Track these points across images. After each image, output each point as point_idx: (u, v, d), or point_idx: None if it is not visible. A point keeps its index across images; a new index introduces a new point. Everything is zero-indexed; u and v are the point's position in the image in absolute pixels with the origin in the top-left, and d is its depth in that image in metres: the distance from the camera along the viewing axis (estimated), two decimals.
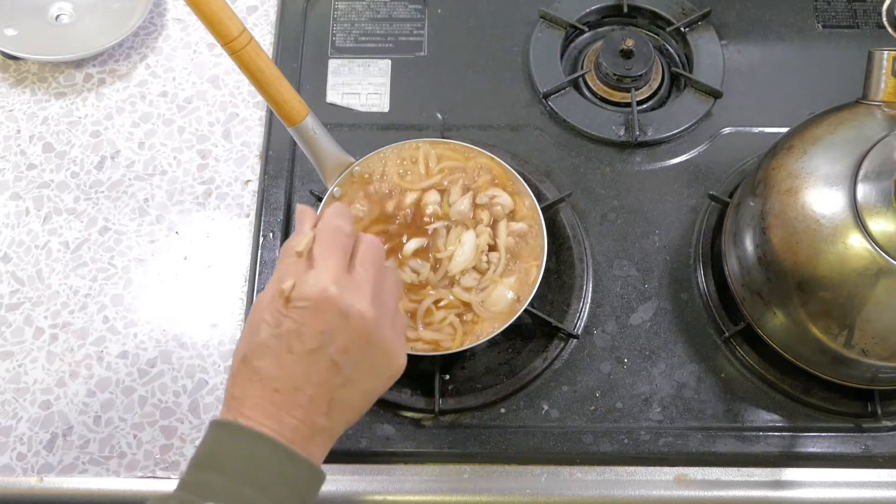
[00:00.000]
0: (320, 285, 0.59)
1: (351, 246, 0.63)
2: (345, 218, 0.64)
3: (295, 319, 0.58)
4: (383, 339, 0.61)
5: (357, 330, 0.59)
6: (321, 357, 0.58)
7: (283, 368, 0.58)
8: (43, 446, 0.79)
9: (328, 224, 0.63)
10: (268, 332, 0.59)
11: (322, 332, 0.58)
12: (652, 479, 0.77)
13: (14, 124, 0.94)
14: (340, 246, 0.62)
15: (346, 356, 0.59)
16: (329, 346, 0.58)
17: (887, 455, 0.77)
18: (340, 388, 0.59)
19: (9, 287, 0.85)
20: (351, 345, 0.59)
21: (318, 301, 0.58)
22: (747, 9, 0.99)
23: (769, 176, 0.74)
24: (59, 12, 0.99)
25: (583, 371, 0.80)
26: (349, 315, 0.59)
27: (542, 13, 0.97)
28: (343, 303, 0.59)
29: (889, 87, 0.71)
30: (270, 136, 0.91)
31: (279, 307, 0.59)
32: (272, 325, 0.59)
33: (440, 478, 0.77)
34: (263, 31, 0.99)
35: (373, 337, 0.60)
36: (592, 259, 0.85)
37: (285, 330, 0.58)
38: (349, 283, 0.60)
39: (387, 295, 0.63)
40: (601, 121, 0.92)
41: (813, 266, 0.69)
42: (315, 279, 0.59)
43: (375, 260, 0.63)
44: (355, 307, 0.59)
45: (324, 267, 0.60)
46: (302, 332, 0.58)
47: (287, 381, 0.58)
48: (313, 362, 0.58)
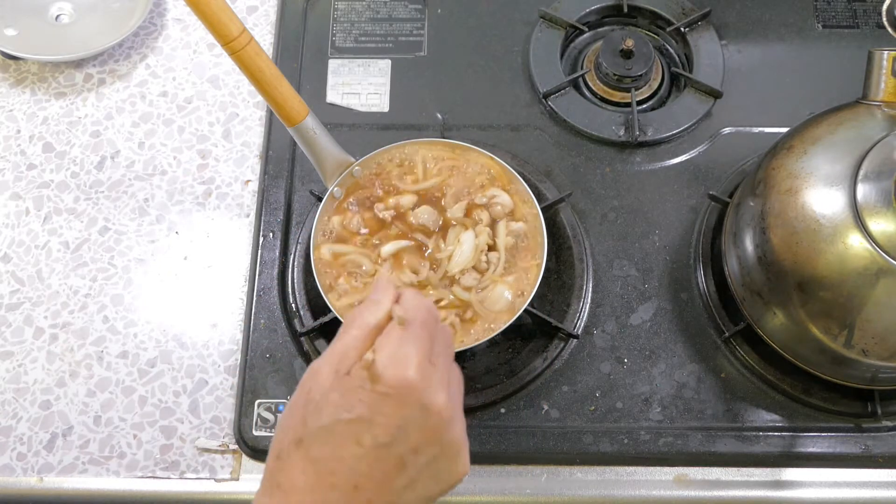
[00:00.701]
0: (408, 370, 0.52)
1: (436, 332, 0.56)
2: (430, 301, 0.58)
3: (369, 405, 0.51)
4: (454, 440, 0.54)
5: (433, 428, 0.53)
6: (391, 454, 0.52)
7: (344, 461, 0.51)
8: (43, 446, 0.79)
9: (419, 302, 0.56)
10: (334, 415, 0.52)
11: (398, 426, 0.52)
12: (652, 479, 0.78)
13: (14, 124, 0.94)
14: (429, 330, 0.55)
15: (416, 456, 0.52)
16: (402, 442, 0.52)
17: (887, 455, 0.77)
18: (402, 491, 0.53)
19: (9, 287, 0.85)
20: (422, 444, 0.53)
21: (399, 388, 0.52)
22: (747, 9, 0.99)
23: (769, 176, 0.74)
24: (59, 12, 0.99)
25: (583, 371, 0.80)
26: (429, 411, 0.52)
27: (542, 13, 0.97)
28: (425, 396, 0.52)
29: (889, 87, 0.71)
30: (270, 136, 0.91)
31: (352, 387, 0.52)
32: (341, 408, 0.52)
33: None
34: (263, 31, 0.99)
35: (445, 436, 0.54)
36: (592, 259, 0.85)
37: (356, 416, 0.51)
38: (432, 374, 0.53)
39: (456, 392, 0.56)
40: (601, 121, 0.92)
41: (813, 266, 0.69)
42: (404, 361, 0.52)
43: (450, 353, 0.57)
44: (436, 403, 0.52)
45: (411, 350, 0.53)
46: (375, 422, 0.51)
47: (347, 477, 0.51)
48: (381, 459, 0.52)
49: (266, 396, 0.79)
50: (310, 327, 0.81)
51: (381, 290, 0.57)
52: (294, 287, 0.83)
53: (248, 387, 0.80)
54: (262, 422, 0.78)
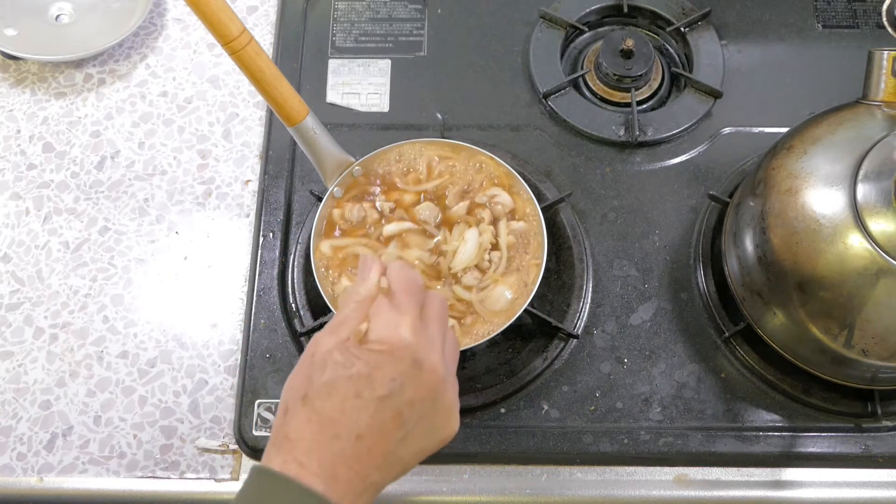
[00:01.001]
0: (399, 331, 0.57)
1: (423, 299, 0.61)
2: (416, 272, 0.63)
3: (368, 362, 0.56)
4: (447, 398, 0.59)
5: (427, 384, 0.57)
6: (388, 406, 0.56)
7: (347, 413, 0.55)
8: (43, 446, 0.79)
9: (404, 273, 0.61)
10: (335, 371, 0.56)
11: (394, 380, 0.56)
12: (652, 479, 0.78)
13: (14, 124, 0.94)
14: (416, 297, 0.60)
15: (412, 409, 0.56)
16: (398, 395, 0.56)
17: (887, 455, 0.77)
18: (399, 442, 0.56)
19: (9, 287, 0.85)
20: (417, 398, 0.57)
21: (395, 346, 0.57)
22: (747, 9, 0.99)
23: (769, 176, 0.74)
24: (59, 12, 0.99)
25: (583, 371, 0.80)
26: (422, 367, 0.57)
27: (542, 13, 0.97)
28: (418, 353, 0.57)
29: (889, 87, 0.71)
30: (270, 136, 0.91)
31: (350, 347, 0.57)
32: (341, 365, 0.56)
33: (440, 478, 0.78)
34: (263, 31, 0.99)
35: (438, 394, 0.58)
36: (592, 259, 0.85)
37: (356, 372, 0.55)
38: (424, 335, 0.58)
39: (450, 355, 0.61)
40: (601, 121, 0.92)
41: (813, 266, 0.69)
42: (395, 324, 0.57)
43: (443, 318, 0.62)
44: (429, 360, 0.57)
45: (401, 313, 0.58)
46: (373, 377, 0.55)
47: (350, 427, 0.55)
48: (379, 410, 0.55)
49: (266, 396, 0.79)
50: (310, 327, 0.81)
51: (367, 267, 0.62)
52: (294, 287, 0.84)
53: (248, 387, 0.80)
54: (262, 422, 0.78)
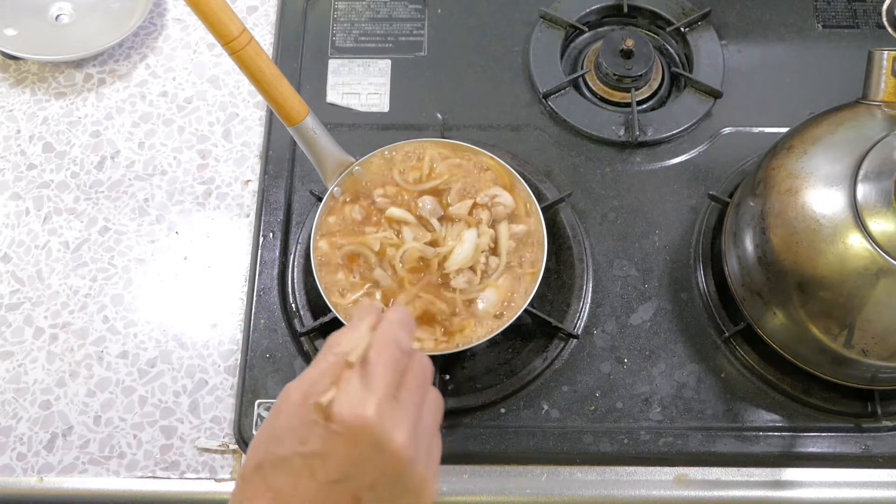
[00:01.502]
0: (361, 411, 0.52)
1: (405, 365, 0.56)
2: (406, 330, 0.58)
3: (324, 441, 0.52)
4: (415, 476, 0.54)
5: (389, 467, 0.53)
6: (344, 489, 0.52)
7: (299, 493, 0.52)
8: (43, 446, 0.79)
9: (388, 335, 0.56)
10: (291, 447, 0.53)
11: (352, 464, 0.52)
12: (652, 479, 0.78)
13: (14, 124, 0.94)
14: (395, 365, 0.55)
15: (372, 492, 0.53)
16: (355, 479, 0.52)
17: (887, 455, 0.77)
18: None
19: (9, 287, 0.85)
20: (379, 481, 0.53)
21: (353, 428, 0.52)
22: (747, 9, 0.99)
23: (769, 176, 0.74)
24: (59, 12, 0.99)
25: (583, 371, 0.80)
26: (385, 451, 0.52)
27: (542, 13, 0.97)
28: (381, 436, 0.52)
29: (889, 87, 0.71)
30: (270, 136, 0.91)
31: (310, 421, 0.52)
32: (298, 441, 0.53)
33: (440, 478, 0.77)
34: (263, 31, 0.99)
35: (404, 474, 0.53)
36: (592, 259, 0.85)
37: (311, 451, 0.52)
38: (392, 411, 0.53)
39: (427, 423, 0.57)
40: (601, 121, 0.92)
41: (813, 266, 0.69)
42: (359, 400, 0.52)
43: (423, 382, 0.57)
44: (393, 442, 0.52)
45: (371, 389, 0.53)
46: (328, 459, 0.52)
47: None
48: (333, 493, 0.52)
49: (266, 396, 0.79)
50: (310, 327, 0.81)
51: (363, 316, 0.58)
52: (294, 287, 0.84)
53: (248, 387, 0.80)
54: (262, 422, 0.78)
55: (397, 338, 0.56)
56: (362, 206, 0.79)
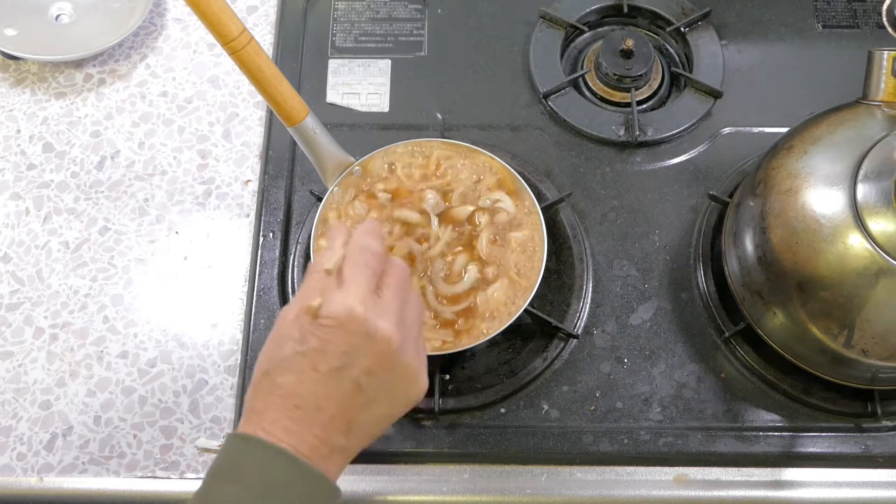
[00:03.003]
0: (347, 305, 0.58)
1: (380, 267, 0.62)
2: (375, 237, 0.64)
3: (320, 338, 0.58)
4: (406, 363, 0.60)
5: (381, 352, 0.59)
6: (344, 377, 0.58)
7: (305, 386, 0.58)
8: (43, 446, 0.79)
9: (358, 243, 0.63)
10: (292, 348, 0.58)
11: (346, 353, 0.58)
12: (652, 479, 0.78)
13: (14, 124, 0.94)
14: (369, 266, 0.61)
15: (369, 378, 0.59)
16: (353, 366, 0.58)
17: (887, 455, 0.77)
18: (361, 409, 0.59)
19: (9, 287, 0.85)
20: (374, 367, 0.59)
21: (344, 321, 0.58)
22: (747, 9, 0.99)
23: (769, 176, 0.74)
24: (59, 12, 0.99)
25: (583, 371, 0.80)
26: (374, 337, 0.58)
27: (542, 13, 0.97)
28: (369, 324, 0.58)
29: (889, 87, 0.71)
30: (270, 136, 0.91)
31: (305, 324, 0.59)
32: (297, 342, 0.58)
33: (440, 478, 0.77)
34: (263, 31, 0.99)
35: (396, 360, 0.60)
36: (592, 259, 0.85)
37: (310, 348, 0.58)
38: (376, 304, 0.59)
39: (411, 319, 0.63)
40: (601, 121, 0.92)
41: (813, 266, 0.69)
42: (342, 298, 0.59)
43: (402, 283, 0.63)
44: (381, 329, 0.59)
45: (352, 286, 0.59)
46: (327, 351, 0.58)
47: (309, 399, 0.57)
48: (336, 382, 0.58)
49: None
50: None
51: (334, 234, 0.64)
52: (294, 287, 0.83)
53: (248, 387, 0.79)
54: None
55: (367, 244, 0.63)
56: (363, 203, 0.79)
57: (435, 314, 0.75)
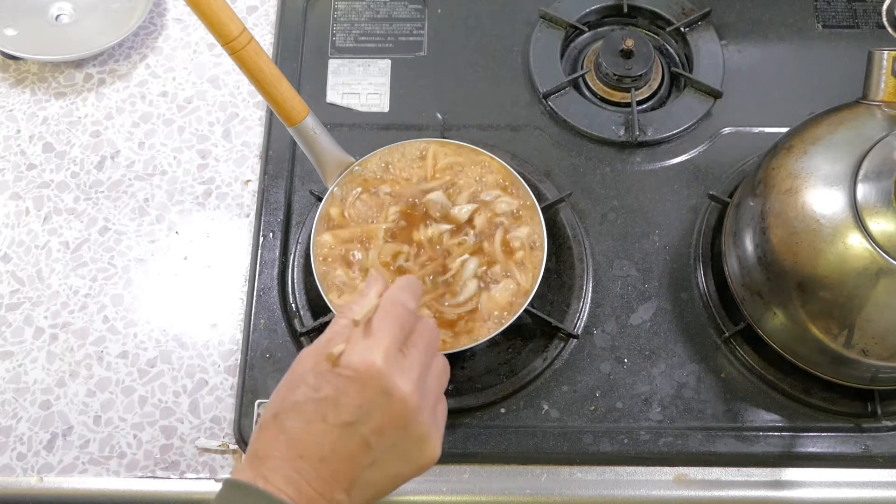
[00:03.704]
0: (369, 358, 0.56)
1: (411, 324, 0.61)
2: (411, 293, 0.62)
3: (336, 387, 0.56)
4: (421, 426, 0.58)
5: (396, 412, 0.57)
6: (353, 433, 0.56)
7: (312, 436, 0.56)
8: (43, 446, 0.79)
9: (393, 296, 0.61)
10: (305, 394, 0.57)
11: (360, 407, 0.56)
12: (652, 479, 0.78)
13: (14, 124, 0.94)
14: (400, 322, 0.59)
15: (380, 437, 0.57)
16: (364, 423, 0.56)
17: (887, 455, 0.77)
18: (367, 467, 0.57)
19: (9, 287, 0.85)
20: (386, 426, 0.57)
21: (363, 373, 0.56)
22: (747, 9, 0.99)
23: (769, 176, 0.74)
24: (59, 12, 0.99)
25: (583, 371, 0.80)
26: (391, 396, 0.56)
27: (542, 13, 0.97)
28: (388, 381, 0.56)
29: (889, 87, 0.71)
30: (270, 136, 0.91)
31: (323, 370, 0.57)
32: (312, 388, 0.57)
33: (440, 478, 0.78)
34: (263, 31, 0.99)
35: (410, 422, 0.58)
36: (592, 259, 0.85)
37: (323, 396, 0.56)
38: (399, 362, 0.58)
39: (433, 382, 0.61)
40: (601, 121, 0.92)
41: (813, 266, 0.69)
42: (366, 350, 0.57)
43: (430, 344, 0.61)
44: (399, 389, 0.57)
45: (378, 340, 0.57)
46: (339, 403, 0.56)
47: (314, 450, 0.56)
48: (344, 436, 0.56)
49: (266, 396, 0.79)
50: (310, 327, 0.81)
51: (369, 286, 0.63)
52: (294, 287, 0.84)
53: (248, 387, 0.80)
54: None
55: (402, 299, 0.61)
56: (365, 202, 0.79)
57: (435, 313, 0.75)
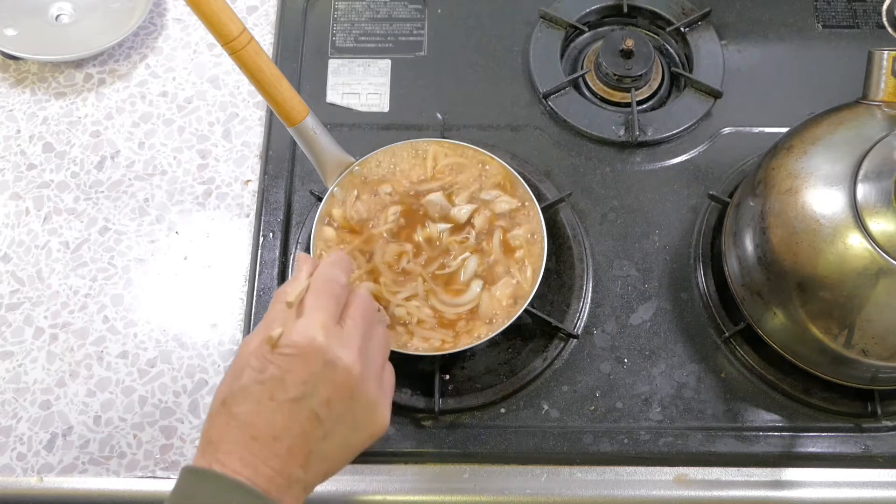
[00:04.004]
0: (308, 334, 0.58)
1: (344, 297, 0.62)
2: (341, 268, 0.64)
3: (279, 366, 0.57)
4: (368, 394, 0.60)
5: (341, 383, 0.58)
6: (302, 407, 0.57)
7: (262, 416, 0.57)
8: (43, 446, 0.79)
9: (323, 274, 0.63)
10: (251, 377, 0.58)
11: (305, 382, 0.57)
12: (652, 479, 0.78)
13: (14, 124, 0.94)
14: (333, 296, 0.61)
15: (328, 409, 0.58)
16: (312, 396, 0.57)
17: (887, 455, 0.77)
18: (320, 440, 0.58)
19: (9, 287, 0.85)
20: (334, 397, 0.58)
21: (304, 349, 0.58)
22: (747, 9, 0.99)
23: (769, 176, 0.74)
24: (59, 12, 0.99)
25: (583, 371, 0.80)
26: (335, 367, 0.58)
27: (542, 13, 0.97)
28: (330, 354, 0.58)
29: (889, 87, 0.71)
30: (270, 136, 0.91)
31: (265, 353, 0.58)
32: (256, 371, 0.58)
33: (440, 478, 0.77)
34: (263, 31, 0.99)
35: (357, 391, 0.59)
36: (592, 259, 0.85)
37: (269, 376, 0.57)
38: (338, 334, 0.59)
39: (375, 351, 0.62)
40: (601, 121, 0.92)
41: (813, 266, 0.69)
42: (304, 327, 0.58)
43: (366, 314, 0.63)
44: (342, 359, 0.58)
45: (313, 316, 0.59)
46: (285, 380, 0.57)
47: (266, 430, 0.57)
48: (294, 412, 0.57)
49: None
50: None
51: (300, 266, 0.64)
52: None
53: None
54: None
55: (332, 275, 0.63)
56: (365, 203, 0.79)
57: (436, 312, 0.75)
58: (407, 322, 0.75)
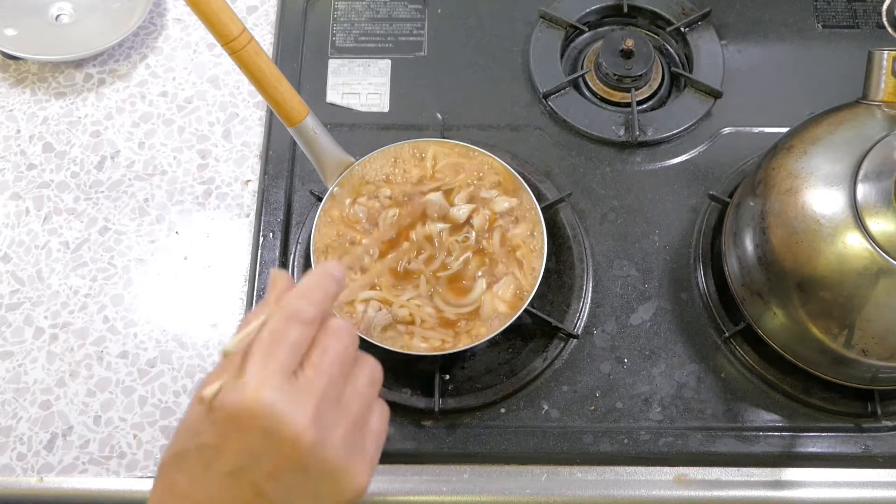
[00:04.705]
0: (242, 396, 0.48)
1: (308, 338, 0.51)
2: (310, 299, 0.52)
3: (215, 433, 0.49)
4: (325, 463, 0.49)
5: (288, 454, 0.48)
6: (242, 482, 0.48)
7: (199, 488, 0.49)
8: (43, 446, 0.79)
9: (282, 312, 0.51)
10: (185, 442, 0.50)
11: (241, 453, 0.48)
12: (652, 479, 0.78)
13: (14, 124, 0.94)
14: (288, 343, 0.50)
15: (276, 483, 0.49)
16: (253, 469, 0.48)
17: (887, 455, 0.77)
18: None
19: (9, 287, 0.85)
20: (281, 469, 0.48)
21: (237, 416, 0.48)
22: (747, 9, 0.99)
23: (769, 176, 0.74)
24: (59, 12, 0.99)
25: (583, 371, 0.80)
26: (277, 436, 0.48)
27: (542, 13, 0.97)
28: (272, 419, 0.48)
29: (889, 87, 0.71)
30: (270, 136, 0.91)
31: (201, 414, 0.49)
32: (192, 434, 0.50)
33: (440, 478, 0.77)
34: (263, 31, 0.99)
35: (310, 461, 0.49)
36: (592, 259, 0.85)
37: (203, 443, 0.49)
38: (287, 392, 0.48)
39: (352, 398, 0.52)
40: (601, 121, 0.92)
41: (813, 266, 0.69)
42: (241, 386, 0.48)
43: (337, 356, 0.51)
44: (287, 426, 0.48)
45: (256, 370, 0.48)
46: (221, 450, 0.48)
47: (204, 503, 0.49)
48: (233, 486, 0.48)
49: None
50: None
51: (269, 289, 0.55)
52: None
53: None
54: None
55: (294, 309, 0.51)
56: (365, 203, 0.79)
57: (438, 312, 0.75)
58: (409, 322, 0.75)
